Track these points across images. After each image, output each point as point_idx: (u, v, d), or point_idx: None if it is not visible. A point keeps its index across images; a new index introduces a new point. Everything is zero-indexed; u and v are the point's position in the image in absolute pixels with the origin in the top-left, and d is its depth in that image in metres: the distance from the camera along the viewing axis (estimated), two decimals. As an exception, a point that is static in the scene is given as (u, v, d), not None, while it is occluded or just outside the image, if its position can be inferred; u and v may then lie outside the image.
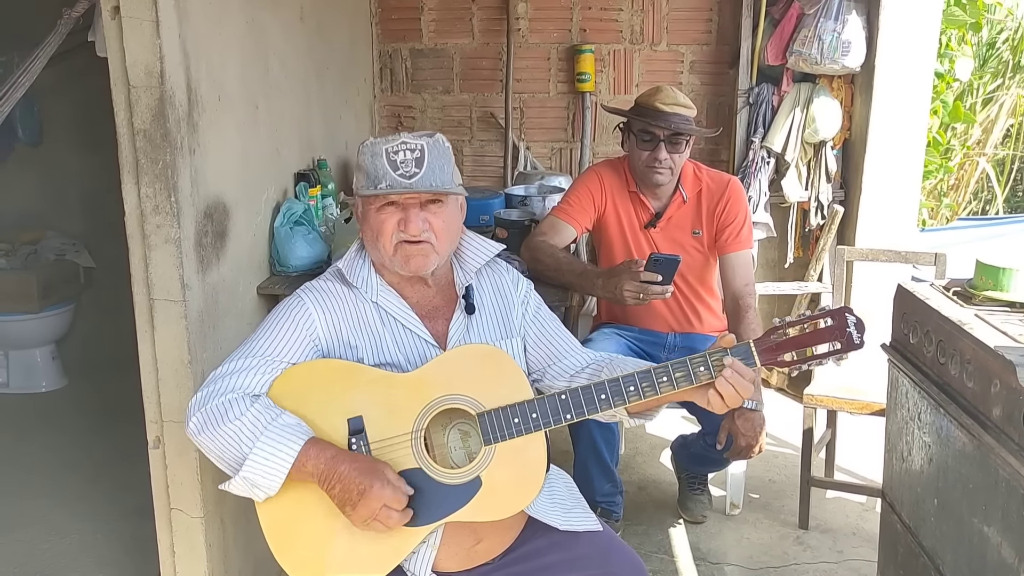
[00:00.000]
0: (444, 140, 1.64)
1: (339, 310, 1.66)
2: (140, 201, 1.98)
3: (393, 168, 1.57)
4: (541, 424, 1.56)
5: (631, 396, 1.55)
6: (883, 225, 3.68)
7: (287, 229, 2.55)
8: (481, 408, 1.57)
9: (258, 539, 1.56)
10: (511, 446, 1.56)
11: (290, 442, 1.50)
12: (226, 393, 1.54)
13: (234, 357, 1.60)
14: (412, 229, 1.60)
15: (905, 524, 2.13)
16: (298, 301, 1.66)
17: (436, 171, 1.58)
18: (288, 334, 1.61)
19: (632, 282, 2.32)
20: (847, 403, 2.79)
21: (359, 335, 1.65)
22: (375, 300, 1.67)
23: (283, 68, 2.66)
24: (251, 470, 1.49)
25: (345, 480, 1.49)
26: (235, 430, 1.50)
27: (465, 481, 1.56)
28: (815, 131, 3.65)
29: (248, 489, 1.52)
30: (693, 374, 1.54)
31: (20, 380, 4.08)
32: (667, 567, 2.69)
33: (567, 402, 1.56)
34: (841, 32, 3.47)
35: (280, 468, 1.49)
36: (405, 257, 1.62)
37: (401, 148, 1.57)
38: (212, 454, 1.55)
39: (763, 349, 1.54)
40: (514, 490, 1.57)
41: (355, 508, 1.49)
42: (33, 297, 3.95)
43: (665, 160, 2.55)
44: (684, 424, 3.46)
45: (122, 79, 1.93)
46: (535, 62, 4.02)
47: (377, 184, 1.58)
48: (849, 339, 1.51)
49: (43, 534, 2.87)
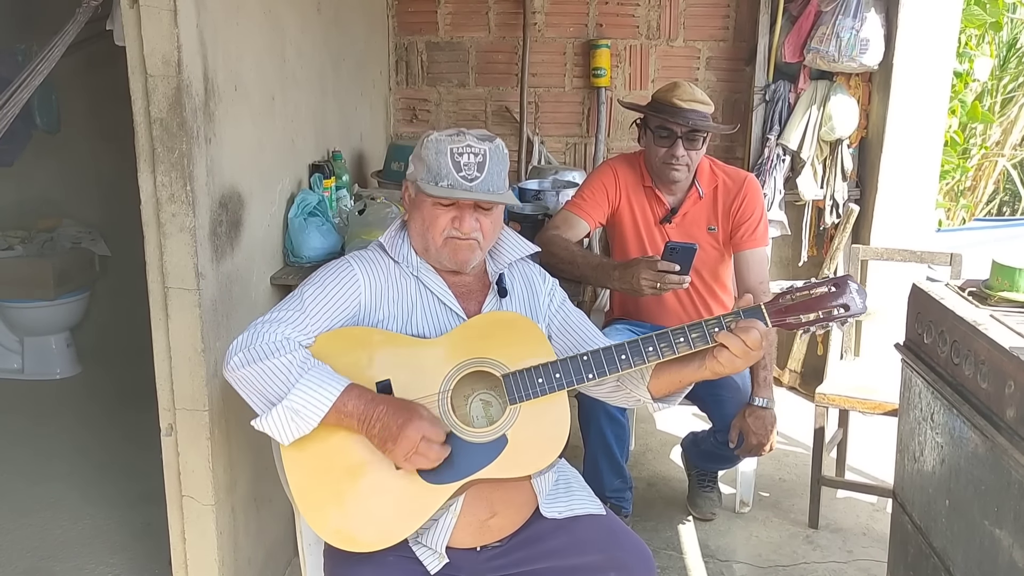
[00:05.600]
0: (503, 147, 1.71)
1: (383, 279, 1.73)
2: (156, 189, 2.00)
3: (456, 169, 1.64)
4: (564, 383, 1.62)
5: (649, 355, 1.62)
6: (899, 225, 3.66)
7: (301, 220, 2.56)
8: (506, 369, 1.62)
9: (269, 527, 1.57)
10: (535, 406, 1.62)
11: (334, 381, 1.55)
12: (273, 336, 1.58)
13: (280, 308, 1.65)
14: (465, 228, 1.68)
15: (916, 525, 2.11)
16: (347, 265, 1.72)
17: (494, 176, 1.67)
18: (335, 294, 1.67)
19: (649, 271, 2.31)
20: (859, 402, 2.78)
21: (396, 305, 1.72)
22: (416, 274, 1.74)
23: (299, 59, 2.67)
24: (297, 399, 1.52)
25: (384, 417, 1.54)
26: (283, 364, 1.54)
27: (491, 439, 1.61)
28: (831, 129, 3.63)
29: (285, 422, 1.52)
30: (708, 334, 1.60)
31: (35, 366, 4.13)
32: (675, 564, 2.69)
33: (588, 362, 1.62)
34: (859, 30, 3.45)
35: (325, 400, 1.53)
36: (454, 249, 1.71)
37: (466, 151, 1.65)
38: (252, 387, 1.56)
39: (773, 311, 1.62)
40: (539, 447, 1.63)
41: (396, 442, 1.53)
42: (49, 284, 3.99)
43: (682, 157, 2.54)
44: (695, 422, 3.45)
45: (140, 68, 1.95)
46: (551, 56, 4.02)
47: (439, 181, 1.65)
48: (852, 303, 1.60)
49: (56, 519, 2.90)
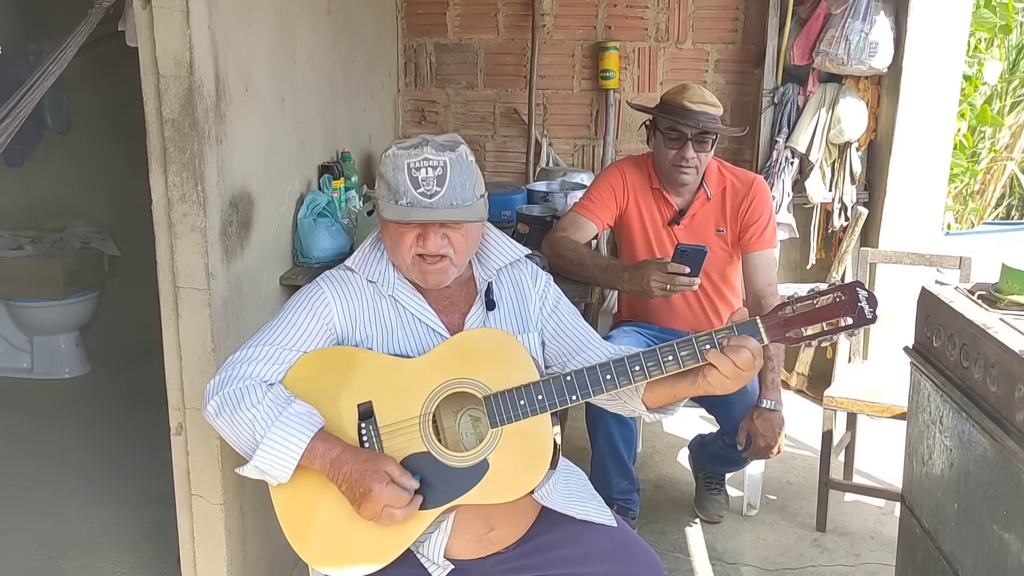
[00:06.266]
0: (467, 153, 1.60)
1: (357, 299, 1.67)
2: (167, 190, 2.01)
3: (414, 185, 1.55)
4: (547, 405, 1.55)
5: (636, 376, 1.54)
6: (907, 228, 3.65)
7: (310, 221, 2.57)
8: (488, 391, 1.57)
9: (277, 527, 1.58)
10: (518, 428, 1.56)
11: (300, 434, 1.52)
12: (243, 379, 1.56)
13: (252, 343, 1.62)
14: (430, 247, 1.60)
15: (924, 528, 2.11)
16: (317, 289, 1.68)
17: (457, 188, 1.56)
18: (306, 322, 1.63)
19: (659, 273, 2.31)
20: (867, 405, 2.77)
21: (374, 326, 1.67)
22: (391, 294, 1.68)
23: (309, 60, 2.68)
24: (262, 459, 1.52)
25: (349, 482, 1.52)
26: (250, 418, 1.52)
27: (472, 464, 1.56)
28: (840, 132, 3.62)
29: (261, 475, 1.55)
30: (699, 352, 1.51)
31: (44, 366, 4.14)
32: (683, 566, 2.69)
33: (572, 383, 1.55)
34: (869, 33, 3.45)
35: (289, 459, 1.52)
36: (422, 274, 1.64)
37: (423, 164, 1.55)
38: (227, 437, 1.58)
39: (770, 325, 1.49)
40: (520, 473, 1.57)
41: (359, 508, 1.53)
42: (58, 284, 4.01)
43: (692, 159, 2.54)
44: (702, 424, 3.45)
45: (152, 68, 1.96)
46: (559, 58, 4.02)
47: (398, 199, 1.57)
48: (860, 313, 1.46)
49: (65, 517, 2.91)
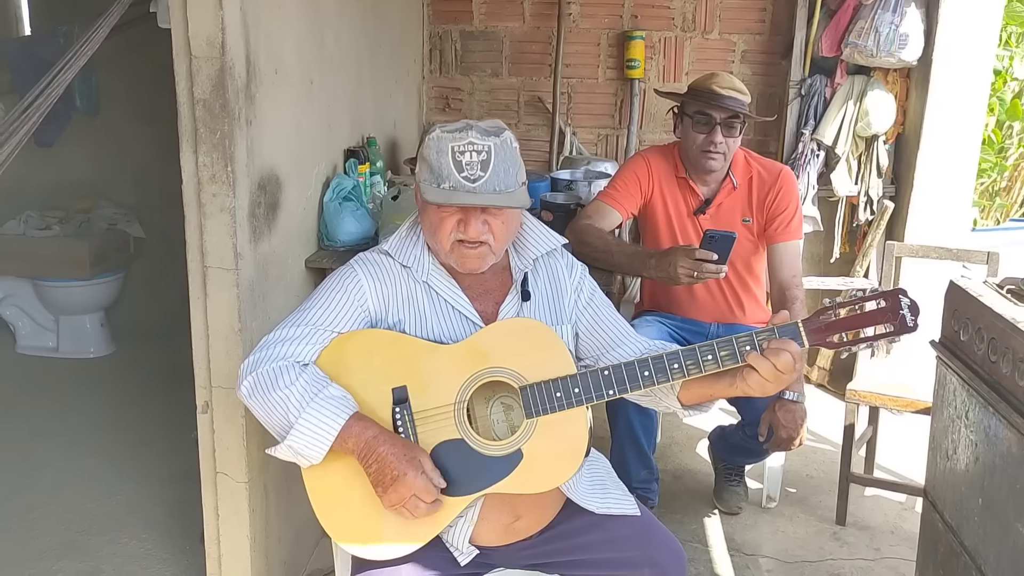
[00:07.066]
0: (512, 140, 1.60)
1: (390, 283, 1.67)
2: (197, 170, 2.02)
3: (458, 169, 1.54)
4: (583, 399, 1.56)
5: (675, 373, 1.54)
6: (934, 223, 3.62)
7: (336, 204, 2.59)
8: (524, 381, 1.57)
9: (299, 507, 1.59)
10: (553, 420, 1.57)
11: (335, 415, 1.52)
12: (277, 360, 1.57)
13: (286, 324, 1.63)
14: (471, 233, 1.59)
15: (947, 523, 2.10)
16: (351, 272, 1.68)
17: (501, 175, 1.55)
18: (340, 304, 1.63)
19: (687, 260, 2.30)
20: (891, 400, 2.76)
21: (407, 310, 1.67)
22: (426, 280, 1.67)
23: (337, 45, 2.69)
24: (296, 439, 1.52)
25: (382, 462, 1.52)
26: (283, 398, 1.53)
27: (506, 453, 1.57)
28: (868, 125, 3.59)
29: (293, 456, 1.56)
30: (739, 353, 1.51)
31: (69, 345, 4.19)
32: (701, 556, 2.69)
33: (609, 377, 1.55)
34: (899, 24, 3.41)
35: (324, 440, 1.52)
36: (461, 258, 1.63)
37: (468, 148, 1.54)
38: (260, 418, 1.58)
39: (811, 330, 1.51)
40: (554, 464, 1.58)
41: (386, 491, 1.52)
42: (85, 264, 4.05)
43: (720, 144, 2.53)
44: (722, 416, 3.44)
45: (184, 49, 1.97)
46: (585, 47, 4.01)
47: (440, 183, 1.55)
48: (902, 322, 1.46)
49: (90, 494, 2.94)
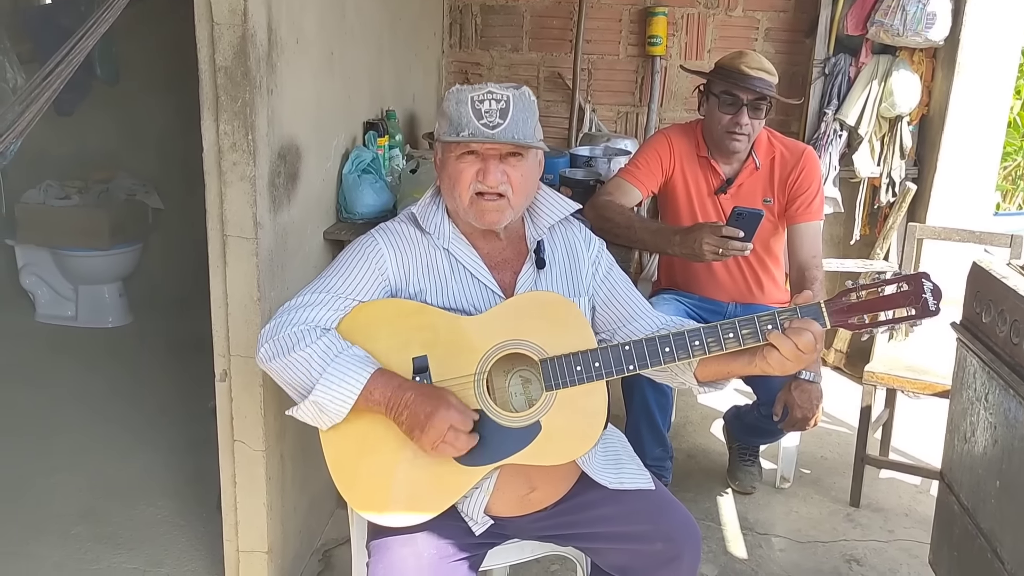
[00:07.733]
0: (530, 93, 1.63)
1: (411, 253, 1.68)
2: (218, 138, 2.02)
3: (477, 117, 1.56)
4: (603, 373, 1.56)
5: (695, 350, 1.54)
6: (957, 206, 3.58)
7: (355, 176, 2.58)
8: (544, 354, 1.58)
9: (314, 476, 1.60)
10: (572, 394, 1.57)
11: (359, 370, 1.53)
12: (297, 324, 1.58)
13: (306, 291, 1.64)
14: (490, 180, 1.59)
15: (963, 505, 2.09)
16: (371, 240, 1.68)
17: (519, 124, 1.58)
18: (360, 272, 1.64)
19: (712, 236, 2.29)
20: (909, 382, 2.74)
21: (427, 279, 1.67)
22: (446, 247, 1.68)
23: (358, 16, 2.67)
24: (320, 394, 1.52)
25: (412, 406, 1.52)
26: (306, 356, 1.54)
27: (525, 425, 1.57)
28: (892, 105, 3.55)
29: (316, 415, 1.55)
30: (760, 332, 1.51)
31: (88, 315, 4.22)
32: (714, 534, 2.70)
33: (630, 353, 1.56)
34: (926, 3, 3.36)
35: (349, 393, 1.52)
36: (480, 211, 1.63)
37: (487, 97, 1.56)
38: (281, 380, 1.59)
39: (834, 311, 1.51)
40: (572, 437, 1.58)
41: (424, 431, 1.51)
42: (103, 234, 4.07)
43: (746, 125, 2.51)
44: (737, 396, 3.44)
45: (206, 16, 1.96)
46: (606, 23, 3.97)
47: (459, 131, 1.58)
48: (924, 305, 1.47)
49: (108, 461, 2.97)
